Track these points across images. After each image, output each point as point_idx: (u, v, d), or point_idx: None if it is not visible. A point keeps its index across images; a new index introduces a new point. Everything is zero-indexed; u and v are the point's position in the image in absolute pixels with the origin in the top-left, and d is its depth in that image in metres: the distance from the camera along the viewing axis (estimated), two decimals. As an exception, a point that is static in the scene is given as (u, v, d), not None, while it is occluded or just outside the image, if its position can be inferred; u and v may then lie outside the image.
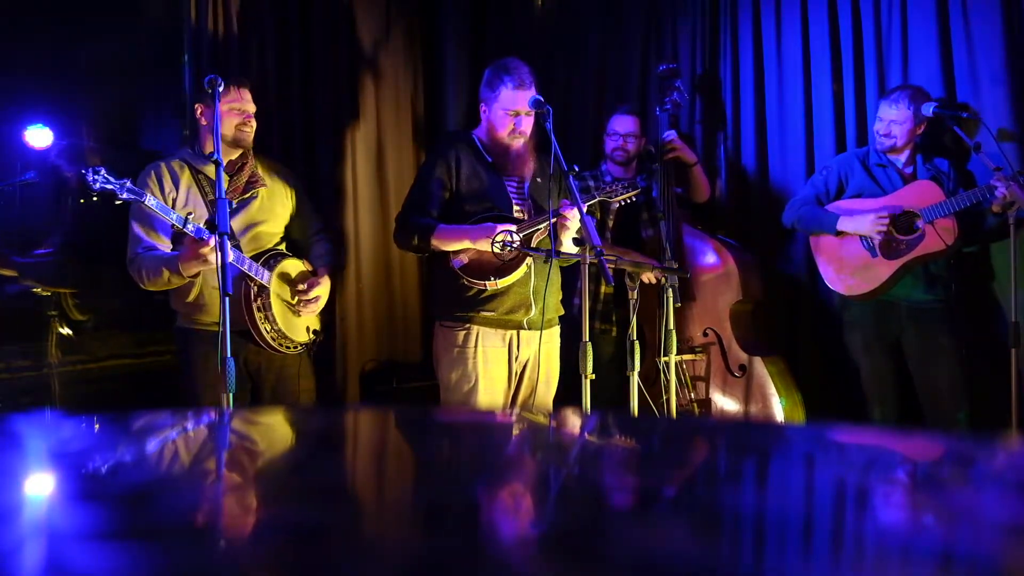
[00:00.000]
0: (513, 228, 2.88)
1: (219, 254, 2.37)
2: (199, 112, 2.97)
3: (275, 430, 1.26)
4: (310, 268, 3.14)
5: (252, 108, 3.02)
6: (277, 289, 2.99)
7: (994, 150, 3.18)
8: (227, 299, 2.36)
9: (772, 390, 3.49)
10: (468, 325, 3.00)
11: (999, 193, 3.04)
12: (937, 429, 3.25)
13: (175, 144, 3.79)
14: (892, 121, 3.33)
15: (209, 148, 2.94)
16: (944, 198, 3.19)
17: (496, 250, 2.86)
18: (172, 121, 3.87)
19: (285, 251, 3.10)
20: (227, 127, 2.93)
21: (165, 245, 2.89)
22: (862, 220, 3.33)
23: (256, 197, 3.05)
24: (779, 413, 3.46)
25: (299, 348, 3.08)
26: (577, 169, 2.74)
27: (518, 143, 3.02)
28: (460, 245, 2.94)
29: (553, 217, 2.81)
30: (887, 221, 3.28)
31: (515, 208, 3.04)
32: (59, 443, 1.06)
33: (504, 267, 2.93)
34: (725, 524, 0.71)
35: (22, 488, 0.83)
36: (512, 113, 2.97)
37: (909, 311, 3.37)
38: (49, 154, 3.51)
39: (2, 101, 3.47)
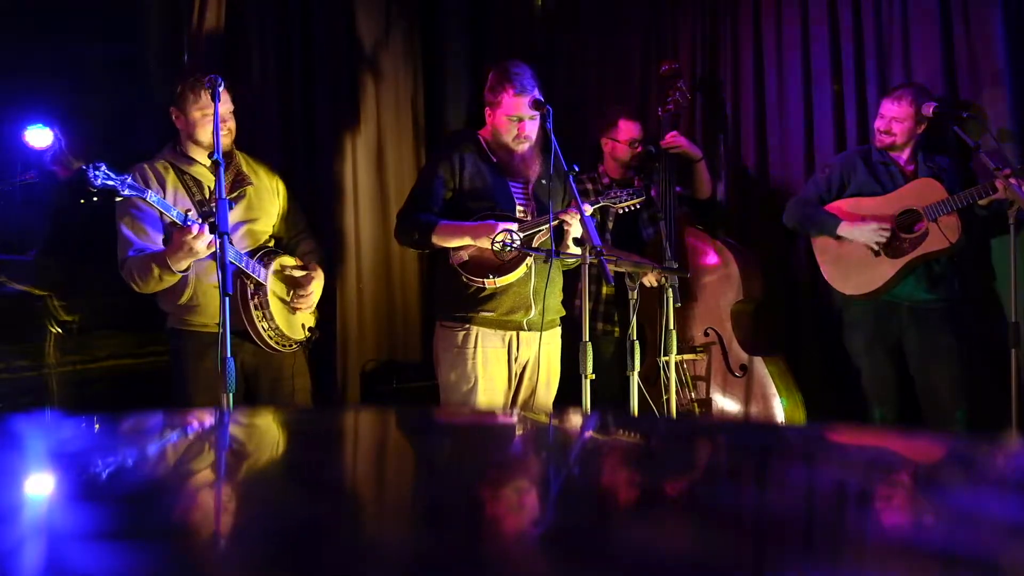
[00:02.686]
0: (514, 227, 2.88)
1: (221, 255, 2.36)
2: (174, 116, 2.93)
3: (275, 430, 1.26)
4: (301, 264, 3.11)
5: (227, 105, 2.90)
6: (274, 287, 2.97)
7: (994, 150, 3.18)
8: (227, 299, 2.36)
9: (773, 390, 3.49)
10: (468, 325, 3.00)
11: (998, 195, 3.05)
12: (936, 429, 3.25)
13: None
14: (893, 118, 3.33)
15: (190, 149, 2.94)
16: (946, 195, 3.18)
17: (496, 249, 2.86)
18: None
19: (276, 248, 3.08)
20: (202, 134, 2.89)
21: (158, 246, 2.82)
22: (863, 228, 3.32)
23: (244, 196, 3.02)
24: (779, 413, 3.46)
25: (295, 346, 3.06)
26: (577, 170, 2.74)
27: (523, 147, 3.03)
28: (460, 242, 2.94)
29: (554, 220, 2.81)
30: (888, 233, 3.27)
31: (519, 208, 3.05)
32: (59, 443, 1.06)
33: (503, 266, 2.93)
34: (726, 525, 0.71)
35: (22, 488, 0.83)
36: (515, 119, 2.98)
37: (911, 312, 3.36)
38: (44, 156, 3.51)
39: (2, 101, 3.47)
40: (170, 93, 2.94)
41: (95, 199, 3.56)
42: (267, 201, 3.09)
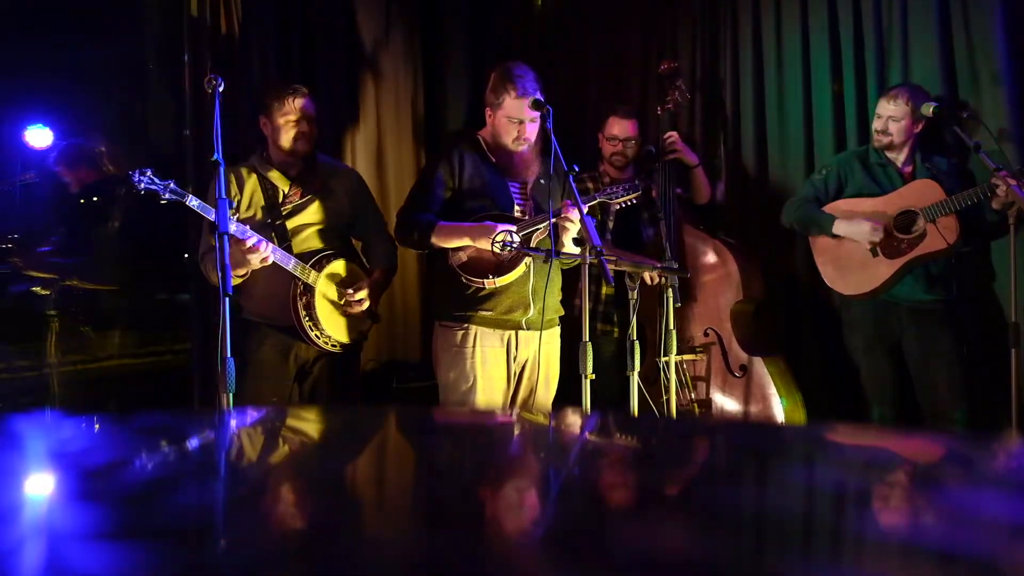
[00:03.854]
0: (513, 228, 2.89)
1: (220, 255, 2.37)
2: (262, 124, 3.12)
3: (275, 430, 1.26)
4: (362, 269, 3.21)
5: (307, 113, 3.09)
6: (324, 289, 3.05)
7: (994, 150, 3.18)
8: (227, 299, 2.37)
9: (772, 390, 3.49)
10: (466, 325, 3.01)
11: (999, 192, 3.05)
12: (936, 429, 3.25)
13: (175, 145, 3.79)
14: (890, 117, 3.33)
15: (274, 155, 3.11)
16: (944, 196, 3.19)
17: (497, 250, 2.87)
18: (172, 122, 3.87)
19: (339, 252, 3.15)
20: (285, 139, 3.08)
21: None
22: (858, 227, 3.32)
23: (314, 200, 3.13)
24: (779, 413, 3.46)
25: (344, 348, 3.15)
26: (577, 169, 2.74)
27: (522, 148, 3.04)
28: (459, 243, 2.96)
29: (553, 217, 2.82)
30: (882, 233, 3.28)
31: (516, 209, 3.06)
32: (59, 443, 1.06)
33: (503, 266, 2.93)
34: (726, 524, 0.71)
35: (22, 488, 0.83)
36: (516, 121, 2.99)
37: (910, 312, 3.36)
38: (47, 156, 3.51)
39: (2, 101, 3.47)
40: (261, 104, 3.14)
41: (95, 199, 3.57)
42: (339, 205, 3.19)
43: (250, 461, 1.03)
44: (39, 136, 3.46)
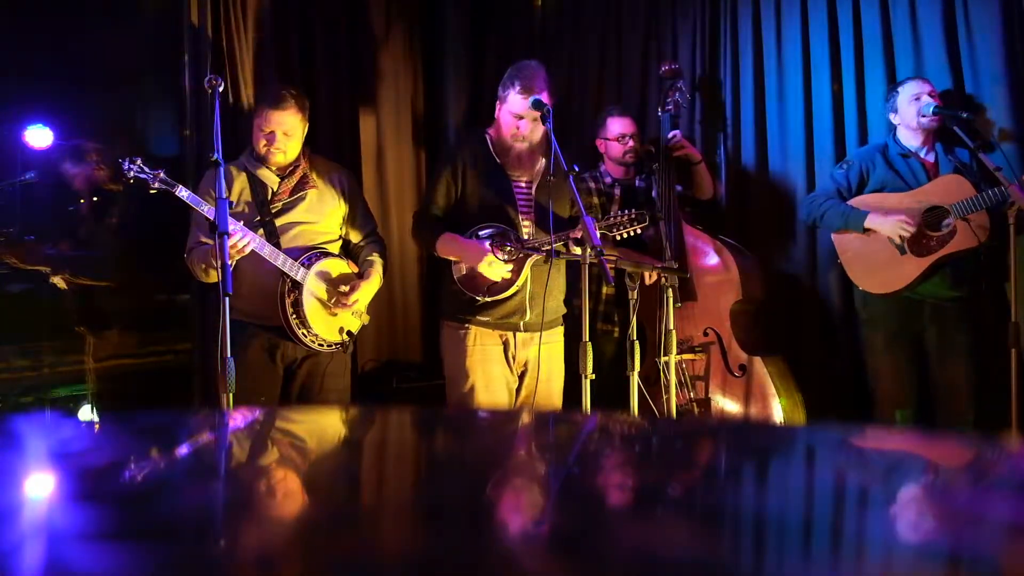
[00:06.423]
0: (504, 258, 2.96)
1: (220, 255, 2.38)
2: (255, 121, 3.11)
3: (276, 429, 1.26)
4: (354, 270, 3.19)
5: (284, 127, 3.05)
6: (312, 287, 3.03)
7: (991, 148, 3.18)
8: (227, 299, 2.38)
9: (772, 390, 3.48)
10: (467, 325, 3.08)
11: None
12: (950, 429, 3.23)
13: (174, 144, 3.79)
14: (930, 92, 3.29)
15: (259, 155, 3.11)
16: (975, 193, 3.09)
17: (492, 262, 2.95)
18: (172, 122, 3.87)
19: (329, 251, 3.14)
20: (257, 144, 3.09)
21: None
22: (887, 221, 3.25)
23: (304, 198, 3.12)
24: (779, 413, 3.46)
25: (332, 347, 3.12)
26: (577, 169, 2.77)
27: (521, 145, 3.07)
28: (456, 257, 3.06)
29: (557, 242, 2.86)
30: (912, 228, 3.20)
31: (521, 209, 3.10)
32: (59, 443, 1.06)
33: (496, 286, 3.02)
34: (727, 525, 0.71)
35: (22, 488, 0.83)
36: (516, 116, 3.02)
37: (934, 308, 3.30)
38: (51, 155, 3.51)
39: (2, 101, 3.47)
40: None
41: (95, 199, 3.57)
42: (328, 205, 3.18)
43: (248, 461, 1.03)
44: (39, 136, 3.46)
